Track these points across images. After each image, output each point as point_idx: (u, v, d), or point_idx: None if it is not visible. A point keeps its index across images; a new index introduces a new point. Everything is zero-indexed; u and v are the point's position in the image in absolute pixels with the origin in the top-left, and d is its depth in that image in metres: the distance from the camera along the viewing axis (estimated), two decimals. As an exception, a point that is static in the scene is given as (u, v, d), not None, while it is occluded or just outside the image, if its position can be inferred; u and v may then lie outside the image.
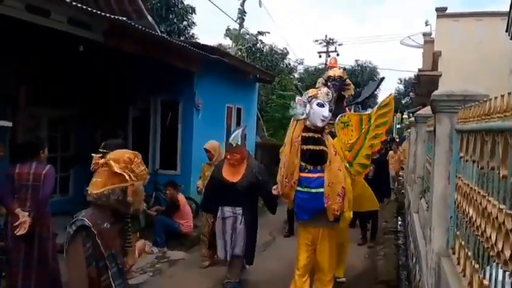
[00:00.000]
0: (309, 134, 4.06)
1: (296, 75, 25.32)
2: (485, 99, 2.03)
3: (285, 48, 22.09)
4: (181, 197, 6.81)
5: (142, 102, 8.62)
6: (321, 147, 4.07)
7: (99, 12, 5.19)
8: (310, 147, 4.05)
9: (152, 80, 8.02)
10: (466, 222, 2.28)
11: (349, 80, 5.34)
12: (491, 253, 1.70)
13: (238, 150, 4.54)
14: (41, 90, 6.76)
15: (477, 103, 2.14)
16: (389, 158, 11.57)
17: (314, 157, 4.07)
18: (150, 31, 6.48)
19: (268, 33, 20.33)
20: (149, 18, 9.36)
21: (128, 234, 2.41)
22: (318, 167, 4.06)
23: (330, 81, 5.15)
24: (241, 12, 18.48)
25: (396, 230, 8.77)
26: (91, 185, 2.24)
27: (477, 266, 2.01)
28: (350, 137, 4.57)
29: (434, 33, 13.17)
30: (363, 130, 4.56)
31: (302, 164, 4.07)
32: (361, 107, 17.15)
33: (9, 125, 5.62)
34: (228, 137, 5.06)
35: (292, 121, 4.20)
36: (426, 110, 5.34)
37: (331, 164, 4.05)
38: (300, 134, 4.06)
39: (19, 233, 3.81)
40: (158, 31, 9.02)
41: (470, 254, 2.19)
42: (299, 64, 28.85)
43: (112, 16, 5.36)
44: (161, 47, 6.65)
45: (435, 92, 2.94)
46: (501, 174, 1.60)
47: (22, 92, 5.69)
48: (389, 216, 9.69)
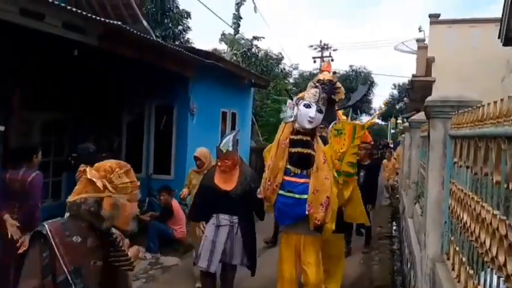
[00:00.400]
0: (298, 137, 3.95)
1: (291, 80, 25.41)
2: (478, 105, 2.03)
3: (280, 53, 22.27)
4: (175, 203, 6.78)
5: (136, 106, 8.61)
6: (309, 150, 3.95)
7: (94, 16, 5.18)
8: (298, 149, 3.92)
9: (147, 84, 8.01)
10: (460, 227, 2.28)
11: (339, 84, 5.21)
12: (486, 259, 1.70)
13: (229, 157, 4.30)
14: (34, 94, 6.72)
15: (470, 109, 2.15)
16: (382, 166, 11.14)
17: (301, 160, 3.94)
18: (145, 35, 6.47)
19: (263, 38, 20.49)
20: (145, 23, 9.36)
21: (117, 250, 2.04)
22: (304, 171, 3.94)
23: (319, 85, 5.11)
24: (237, 17, 18.55)
25: (391, 235, 8.77)
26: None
27: (472, 272, 2.01)
28: (342, 146, 4.48)
29: (428, 39, 13.26)
30: (356, 140, 4.49)
31: (289, 167, 3.94)
32: (352, 110, 17.13)
33: (1, 129, 5.57)
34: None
35: (282, 124, 4.12)
36: (421, 116, 5.35)
37: (318, 172, 3.92)
38: (288, 137, 3.96)
39: (20, 251, 3.75)
40: (154, 36, 9.02)
41: (464, 259, 2.18)
42: (294, 69, 29.03)
43: (107, 20, 5.35)
44: (156, 52, 6.64)
45: (429, 98, 2.95)
46: (494, 180, 1.60)
47: (16, 95, 5.65)
48: (384, 221, 9.71)
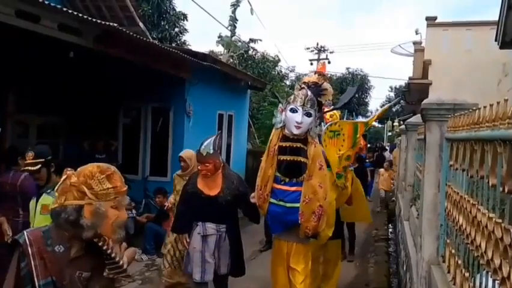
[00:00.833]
0: (287, 144, 3.73)
1: (288, 82, 25.39)
2: (474, 108, 2.04)
3: (277, 56, 22.19)
4: (171, 204, 6.76)
5: (132, 108, 8.59)
6: (299, 158, 3.71)
7: (90, 18, 5.17)
8: (287, 157, 3.71)
9: (144, 86, 7.99)
10: (456, 230, 2.28)
11: (327, 85, 4.87)
12: (481, 261, 1.70)
13: (210, 160, 4.07)
14: (30, 96, 6.70)
15: (466, 112, 2.15)
16: (378, 175, 10.94)
17: (290, 168, 3.72)
18: (141, 37, 6.47)
19: (260, 40, 20.40)
20: (141, 25, 9.37)
21: (111, 262, 1.91)
22: (294, 179, 3.73)
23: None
24: (233, 19, 18.54)
25: (387, 237, 8.79)
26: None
27: (467, 275, 2.01)
28: (340, 147, 4.37)
29: (424, 42, 13.30)
30: (358, 139, 4.39)
31: (278, 175, 3.76)
32: (348, 112, 17.05)
33: (-2, 130, 5.56)
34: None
35: (273, 130, 3.94)
36: (417, 118, 5.37)
37: (312, 179, 3.69)
38: (276, 143, 3.77)
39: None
40: (150, 38, 9.01)
41: (460, 262, 2.19)
42: (291, 71, 28.96)
43: (103, 22, 5.34)
44: (152, 54, 6.63)
45: (425, 101, 2.96)
46: (490, 183, 1.61)
47: (11, 98, 5.63)
48: (380, 223, 9.72)
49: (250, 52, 20.32)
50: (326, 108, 4.77)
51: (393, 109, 40.78)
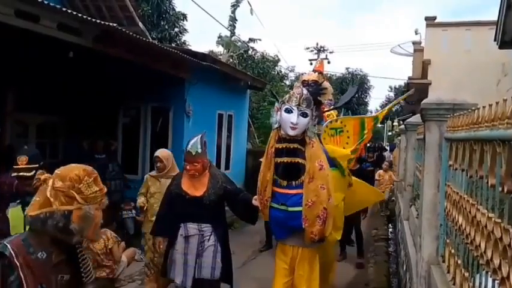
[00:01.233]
0: (283, 145, 3.57)
1: (287, 82, 25.39)
2: (473, 108, 2.04)
3: (277, 56, 22.19)
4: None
5: (132, 108, 8.59)
6: (297, 159, 3.55)
7: (89, 18, 5.17)
8: (284, 159, 3.55)
9: (143, 86, 7.99)
10: (456, 230, 2.28)
11: (327, 84, 4.83)
12: (481, 261, 1.70)
13: (199, 159, 3.92)
14: (29, 96, 6.70)
15: (466, 112, 2.15)
16: (377, 177, 10.27)
17: (288, 170, 3.57)
18: (141, 37, 6.47)
19: (259, 40, 20.41)
20: (141, 25, 9.37)
21: (85, 266, 1.88)
22: (293, 182, 3.57)
23: (304, 86, 4.87)
24: (233, 19, 18.54)
25: (387, 237, 8.79)
26: (29, 205, 1.80)
27: (467, 274, 2.02)
28: (345, 145, 4.24)
29: (424, 42, 13.31)
30: (366, 134, 4.25)
31: (277, 178, 3.61)
32: (348, 111, 17.02)
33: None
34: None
35: (272, 131, 3.78)
36: (416, 118, 5.37)
37: (313, 181, 3.50)
38: (273, 145, 3.61)
39: None
40: (150, 38, 9.01)
41: (460, 262, 2.19)
42: (290, 71, 28.96)
43: (103, 22, 5.34)
44: (152, 54, 6.63)
45: (424, 101, 2.96)
46: (490, 183, 1.61)
47: (10, 97, 5.63)
48: (380, 223, 9.72)
49: (249, 52, 20.33)
50: (325, 108, 4.68)
51: (393, 109, 40.82)
